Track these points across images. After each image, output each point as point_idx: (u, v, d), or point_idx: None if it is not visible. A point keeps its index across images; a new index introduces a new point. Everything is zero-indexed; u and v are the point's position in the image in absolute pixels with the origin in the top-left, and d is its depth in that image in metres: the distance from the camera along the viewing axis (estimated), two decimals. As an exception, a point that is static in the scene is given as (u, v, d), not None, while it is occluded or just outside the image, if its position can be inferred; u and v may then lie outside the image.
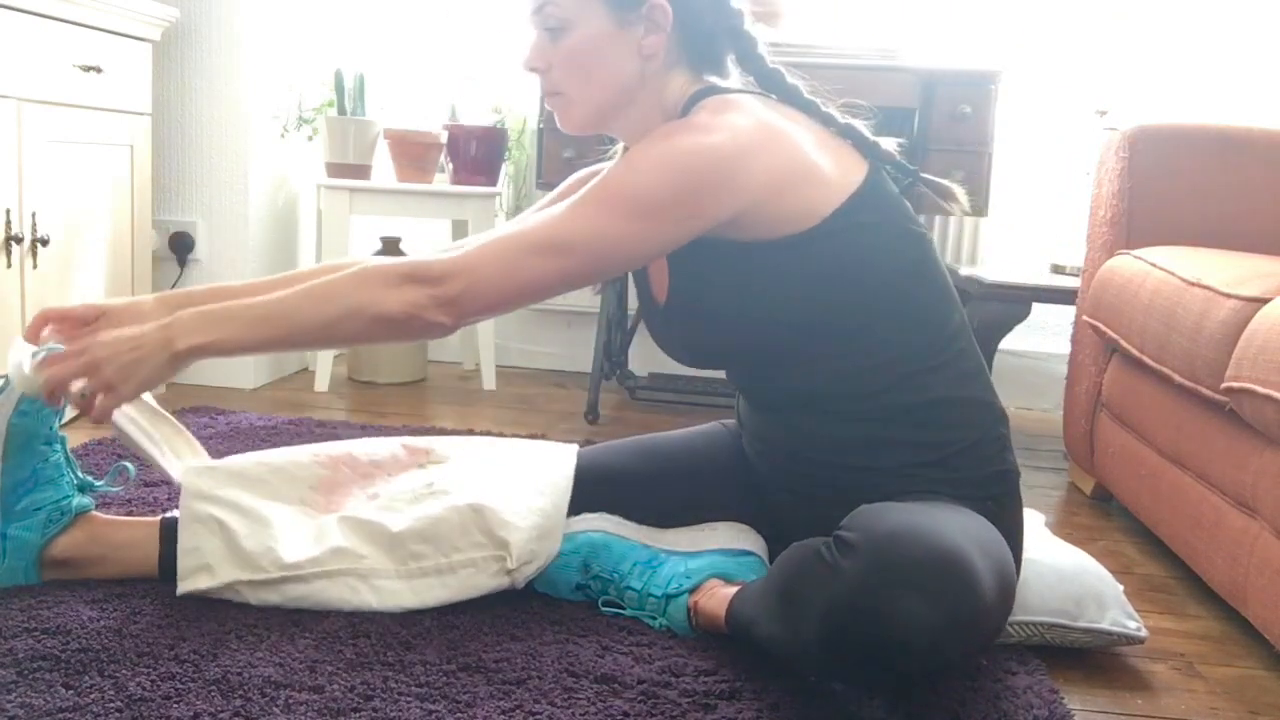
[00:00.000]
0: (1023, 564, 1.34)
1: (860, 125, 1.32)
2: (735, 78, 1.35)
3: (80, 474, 1.40)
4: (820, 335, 1.27)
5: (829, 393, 1.29)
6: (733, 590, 1.30)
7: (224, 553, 1.32)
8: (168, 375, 1.21)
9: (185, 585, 1.32)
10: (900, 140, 1.36)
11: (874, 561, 1.01)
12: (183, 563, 1.32)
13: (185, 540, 1.33)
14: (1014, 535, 1.31)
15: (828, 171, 1.25)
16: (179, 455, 1.43)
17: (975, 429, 1.29)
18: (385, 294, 1.19)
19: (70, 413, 1.39)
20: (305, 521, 1.38)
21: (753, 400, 1.42)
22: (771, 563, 1.39)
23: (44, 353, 1.22)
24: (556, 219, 1.21)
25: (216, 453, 1.97)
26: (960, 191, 1.34)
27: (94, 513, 1.39)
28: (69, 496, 1.36)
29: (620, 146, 1.45)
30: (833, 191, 1.25)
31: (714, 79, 1.33)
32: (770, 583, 1.18)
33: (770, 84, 1.33)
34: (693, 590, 1.33)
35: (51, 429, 1.35)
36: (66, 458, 1.38)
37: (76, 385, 1.20)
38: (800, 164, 1.23)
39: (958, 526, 1.10)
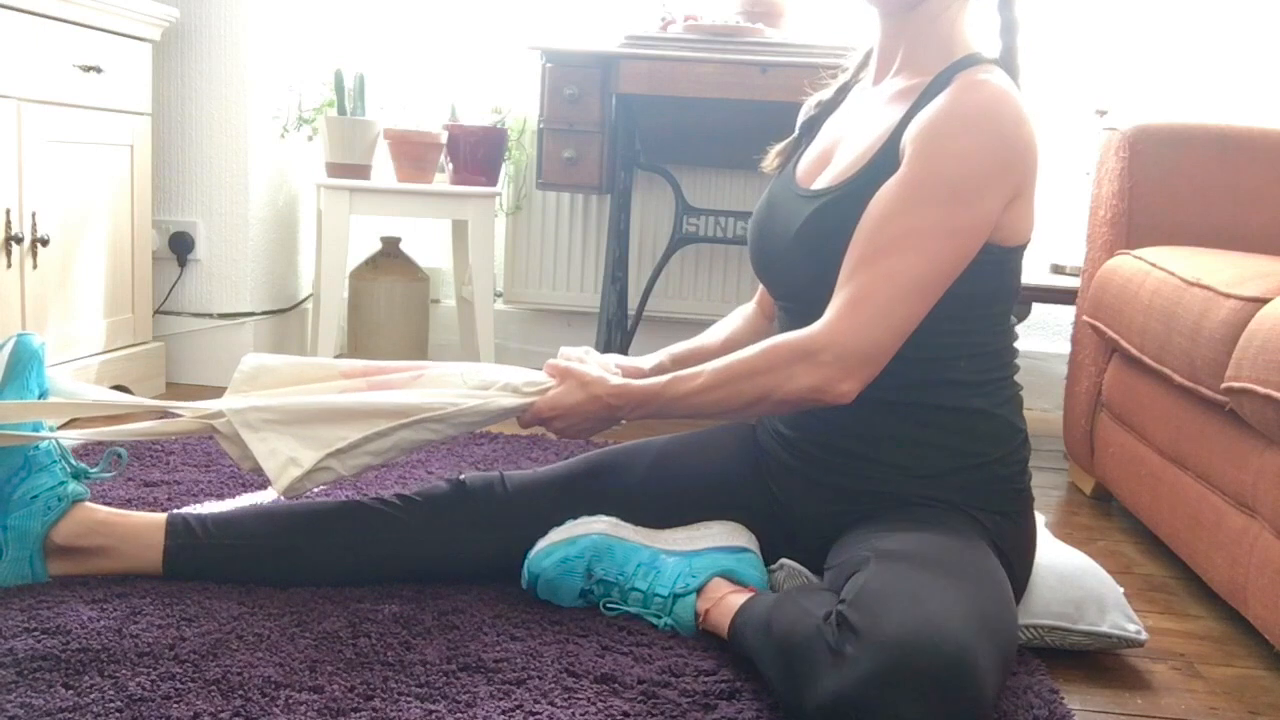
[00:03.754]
0: (1023, 565, 1.35)
1: None
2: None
3: (73, 461, 1.40)
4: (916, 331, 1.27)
5: (886, 372, 1.27)
6: (738, 598, 1.30)
7: (298, 442, 1.32)
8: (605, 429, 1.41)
9: (282, 483, 1.31)
10: None
11: (878, 662, 1.00)
12: (268, 466, 1.31)
13: (258, 448, 1.32)
14: (1022, 552, 1.33)
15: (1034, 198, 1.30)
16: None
17: (999, 447, 1.32)
18: (790, 377, 1.24)
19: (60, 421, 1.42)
20: (358, 396, 1.39)
21: None
22: (771, 561, 1.40)
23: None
24: (904, 249, 1.21)
25: (216, 451, 1.97)
26: None
27: (97, 505, 1.39)
28: (64, 483, 1.36)
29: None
30: (1029, 225, 1.30)
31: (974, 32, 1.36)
32: (770, 631, 1.17)
33: (1007, 41, 1.36)
34: (698, 590, 1.33)
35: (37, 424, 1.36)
36: (59, 445, 1.38)
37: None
38: (1035, 177, 1.27)
39: (966, 606, 1.06)
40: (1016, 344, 1.38)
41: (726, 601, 1.30)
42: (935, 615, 1.03)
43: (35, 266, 2.05)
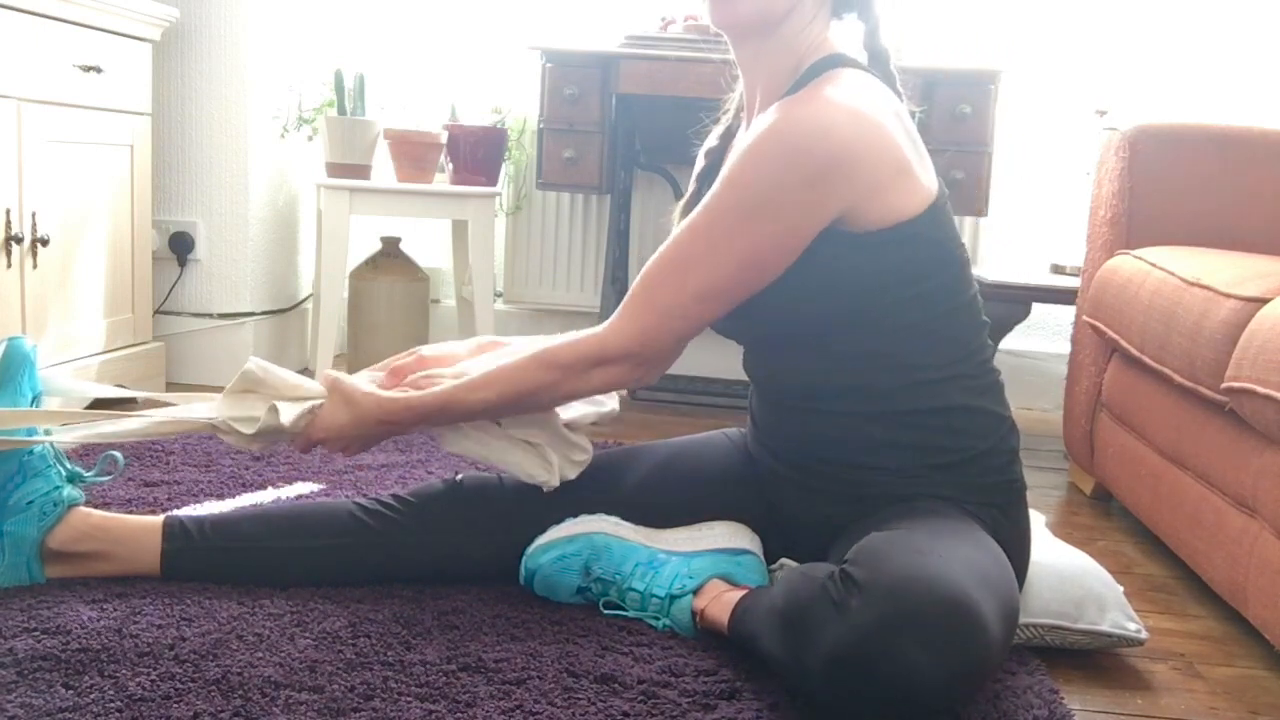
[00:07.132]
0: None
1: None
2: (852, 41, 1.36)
3: (69, 465, 1.40)
4: (855, 332, 1.27)
5: (844, 388, 1.29)
6: (736, 595, 1.30)
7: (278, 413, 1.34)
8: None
9: (292, 412, 1.33)
10: None
11: (882, 609, 1.01)
12: (276, 420, 1.32)
13: (262, 422, 1.33)
14: (1018, 543, 1.32)
15: (918, 174, 1.26)
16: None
17: (985, 439, 1.31)
18: (583, 380, 1.32)
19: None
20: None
21: (766, 396, 1.42)
22: (771, 562, 1.40)
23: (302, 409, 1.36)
24: (692, 248, 1.25)
25: (216, 451, 1.97)
26: None
27: (93, 510, 1.39)
28: (60, 487, 1.35)
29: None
30: (919, 198, 1.26)
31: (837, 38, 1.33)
32: (774, 604, 1.17)
33: (876, 61, 1.34)
34: (695, 591, 1.33)
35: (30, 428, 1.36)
36: (54, 449, 1.38)
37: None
38: (901, 162, 1.24)
39: (966, 564, 1.09)
40: (985, 329, 1.34)
41: (725, 597, 1.30)
42: (935, 564, 1.06)
43: (35, 266, 2.05)
